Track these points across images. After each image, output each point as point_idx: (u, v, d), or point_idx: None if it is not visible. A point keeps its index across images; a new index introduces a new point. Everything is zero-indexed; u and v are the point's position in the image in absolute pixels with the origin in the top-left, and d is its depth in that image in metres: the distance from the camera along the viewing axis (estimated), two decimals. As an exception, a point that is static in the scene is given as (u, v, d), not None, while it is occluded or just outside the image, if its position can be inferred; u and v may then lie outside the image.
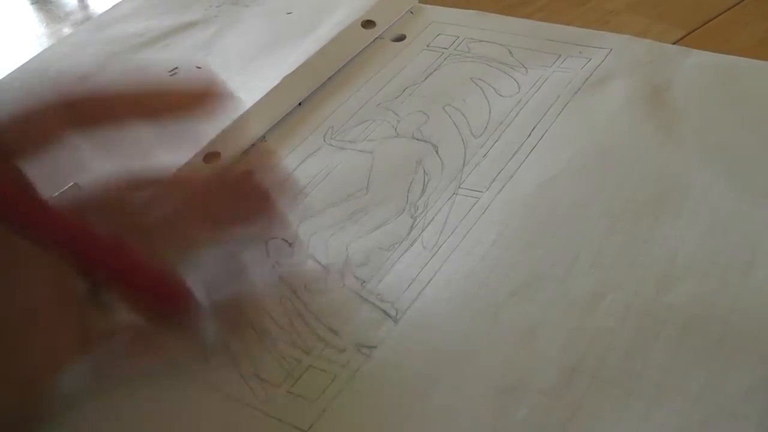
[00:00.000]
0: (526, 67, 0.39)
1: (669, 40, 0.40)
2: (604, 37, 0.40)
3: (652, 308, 0.26)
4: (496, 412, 0.24)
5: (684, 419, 0.23)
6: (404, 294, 0.29)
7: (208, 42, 0.48)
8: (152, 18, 0.52)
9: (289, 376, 0.27)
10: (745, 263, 0.27)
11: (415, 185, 0.34)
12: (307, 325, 0.29)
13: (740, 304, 0.26)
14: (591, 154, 0.33)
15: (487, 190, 0.32)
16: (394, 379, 0.26)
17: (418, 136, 0.36)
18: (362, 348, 0.27)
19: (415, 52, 0.42)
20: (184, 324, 0.27)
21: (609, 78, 0.37)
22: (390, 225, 0.32)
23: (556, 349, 0.26)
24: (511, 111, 0.36)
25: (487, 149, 0.35)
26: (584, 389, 0.24)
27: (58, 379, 0.26)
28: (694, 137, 0.33)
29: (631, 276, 0.27)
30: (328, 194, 0.34)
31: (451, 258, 0.30)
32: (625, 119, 0.34)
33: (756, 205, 0.29)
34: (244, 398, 0.26)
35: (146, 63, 0.48)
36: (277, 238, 0.31)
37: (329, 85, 0.41)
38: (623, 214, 0.30)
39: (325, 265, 0.31)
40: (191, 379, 0.27)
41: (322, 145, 0.37)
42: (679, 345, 0.25)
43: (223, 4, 0.52)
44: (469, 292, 0.28)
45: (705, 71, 0.36)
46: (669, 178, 0.31)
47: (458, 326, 0.27)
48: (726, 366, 0.24)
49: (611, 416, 0.23)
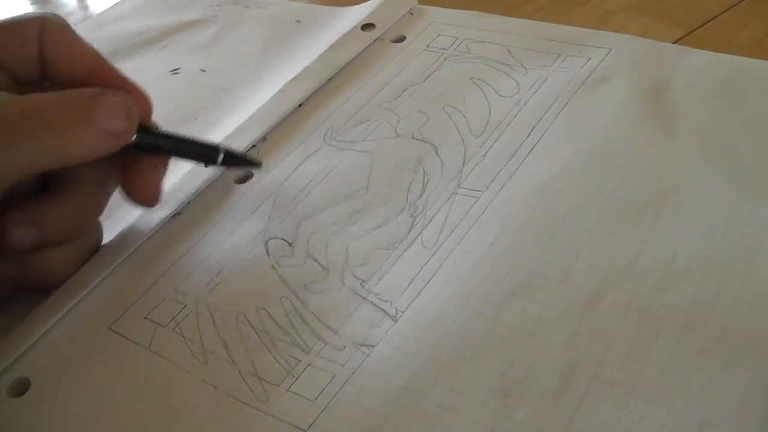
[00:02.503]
0: (525, 67, 0.39)
1: (669, 40, 0.40)
2: (604, 36, 0.40)
3: (652, 308, 0.26)
4: (496, 412, 0.24)
5: (684, 419, 0.23)
6: (404, 293, 0.29)
7: (207, 43, 0.48)
8: (151, 17, 0.53)
9: (288, 376, 0.27)
10: (745, 263, 0.27)
11: (415, 185, 0.34)
12: (306, 325, 0.29)
13: (740, 304, 0.26)
14: (591, 154, 0.33)
15: (487, 189, 0.32)
16: (394, 379, 0.26)
17: (418, 136, 0.36)
18: (361, 347, 0.27)
19: (414, 53, 0.42)
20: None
21: (609, 78, 0.37)
22: (390, 225, 0.32)
23: (556, 349, 0.26)
24: (511, 111, 0.36)
25: (487, 149, 0.35)
26: (584, 389, 0.24)
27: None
28: (693, 137, 0.33)
29: (631, 276, 0.27)
30: (328, 194, 0.34)
31: (450, 258, 0.30)
32: (625, 119, 0.34)
33: (756, 205, 0.29)
34: (243, 397, 0.26)
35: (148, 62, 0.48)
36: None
37: (329, 86, 0.41)
38: (623, 214, 0.30)
39: (324, 264, 0.31)
40: (190, 378, 0.27)
41: (322, 145, 0.37)
42: (679, 345, 0.25)
43: (223, 4, 0.52)
44: (469, 292, 0.28)
45: (705, 71, 0.36)
46: (669, 177, 0.31)
47: (458, 326, 0.27)
48: (726, 366, 0.24)
49: (611, 416, 0.23)
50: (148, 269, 0.32)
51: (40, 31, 0.30)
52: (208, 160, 0.32)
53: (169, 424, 0.26)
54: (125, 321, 0.30)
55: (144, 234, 0.33)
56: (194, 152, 0.32)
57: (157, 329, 0.29)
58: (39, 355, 0.29)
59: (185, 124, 0.41)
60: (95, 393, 0.28)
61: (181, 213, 0.35)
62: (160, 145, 0.32)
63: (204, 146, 0.32)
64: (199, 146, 0.32)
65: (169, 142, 0.32)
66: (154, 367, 0.28)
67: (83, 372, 0.28)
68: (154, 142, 0.31)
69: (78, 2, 0.61)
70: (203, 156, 0.32)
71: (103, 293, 0.31)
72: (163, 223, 0.34)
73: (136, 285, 0.32)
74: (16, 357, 0.29)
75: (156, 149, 0.32)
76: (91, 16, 0.56)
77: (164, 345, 0.29)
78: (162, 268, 0.32)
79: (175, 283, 0.31)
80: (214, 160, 0.32)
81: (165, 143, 0.32)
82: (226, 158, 0.32)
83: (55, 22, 0.31)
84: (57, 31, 0.31)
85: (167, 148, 0.32)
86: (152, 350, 0.29)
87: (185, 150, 0.32)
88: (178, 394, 0.27)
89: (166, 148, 0.32)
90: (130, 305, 0.31)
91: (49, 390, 0.28)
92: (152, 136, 0.31)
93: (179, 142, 0.32)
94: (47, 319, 0.30)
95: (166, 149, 0.32)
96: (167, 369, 0.28)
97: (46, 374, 0.29)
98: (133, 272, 0.32)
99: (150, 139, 0.31)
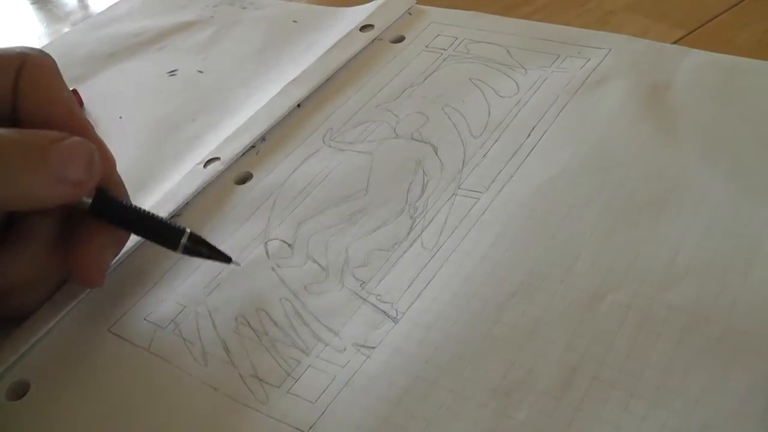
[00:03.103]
0: (525, 67, 0.39)
1: (669, 40, 0.40)
2: (603, 37, 0.40)
3: (652, 308, 0.26)
4: (496, 413, 0.24)
5: (684, 420, 0.23)
6: (404, 295, 0.29)
7: (205, 44, 0.48)
8: (148, 18, 0.52)
9: (288, 377, 0.27)
10: (745, 263, 0.27)
11: (415, 186, 0.33)
12: (306, 326, 0.28)
13: (740, 304, 0.26)
14: (590, 155, 0.33)
15: (487, 190, 0.32)
16: (394, 380, 0.26)
17: (418, 137, 0.36)
18: (362, 349, 0.27)
19: (414, 54, 0.42)
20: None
21: (608, 78, 0.37)
22: (389, 226, 0.32)
23: (557, 349, 0.26)
24: (510, 111, 0.36)
25: (487, 150, 0.35)
26: (585, 390, 0.24)
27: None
28: (693, 137, 0.33)
29: (631, 276, 0.27)
30: (328, 195, 0.34)
31: (450, 259, 0.30)
32: (625, 119, 0.34)
33: (756, 205, 0.29)
34: (243, 399, 0.26)
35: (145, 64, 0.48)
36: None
37: (328, 87, 0.41)
38: (623, 214, 0.30)
39: (324, 266, 0.31)
40: (190, 380, 0.27)
41: (322, 146, 0.37)
42: (679, 345, 0.25)
43: (219, 5, 0.52)
44: (469, 293, 0.28)
45: (704, 71, 0.36)
46: (669, 178, 0.31)
47: (458, 327, 0.27)
48: (726, 366, 0.24)
49: (612, 417, 0.23)
50: (147, 271, 0.32)
51: (20, 67, 0.29)
52: (170, 245, 0.30)
53: (169, 427, 0.26)
54: (124, 323, 0.30)
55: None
56: (155, 232, 0.30)
57: (157, 331, 0.29)
58: (38, 358, 0.29)
59: (184, 126, 0.41)
60: (94, 395, 0.28)
61: (180, 214, 0.35)
62: (116, 216, 0.29)
63: (168, 227, 0.30)
64: (163, 225, 0.30)
65: (127, 214, 0.29)
66: (153, 370, 0.28)
67: (82, 374, 0.28)
68: (109, 212, 0.29)
69: (78, 3, 0.61)
70: (165, 239, 0.30)
71: (103, 295, 0.31)
72: (162, 224, 0.34)
73: (136, 287, 0.31)
74: (15, 359, 0.29)
75: (111, 220, 0.30)
76: (91, 15, 0.56)
77: (164, 347, 0.29)
78: (161, 269, 0.32)
79: (174, 284, 0.31)
80: (176, 245, 0.30)
81: (121, 215, 0.29)
82: (190, 245, 0.30)
83: (39, 60, 0.29)
84: (38, 70, 0.29)
85: (123, 221, 0.30)
86: (152, 352, 0.29)
87: (144, 228, 0.30)
88: (177, 396, 0.27)
89: (121, 221, 0.30)
90: (130, 307, 0.31)
91: (49, 392, 0.28)
92: (108, 204, 0.29)
93: (139, 217, 0.30)
94: (46, 322, 0.30)
95: (122, 222, 0.30)
96: (167, 371, 0.28)
97: (46, 377, 0.29)
98: (132, 274, 0.32)
99: (105, 207, 0.29)
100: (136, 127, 0.42)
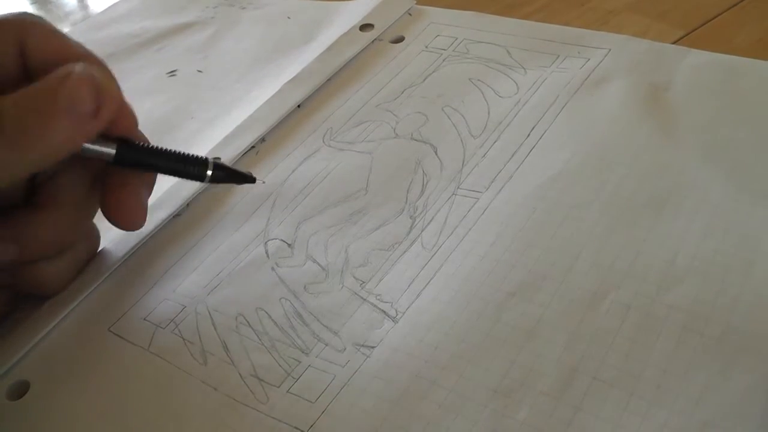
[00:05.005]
0: (524, 67, 0.39)
1: (669, 40, 0.40)
2: (603, 37, 0.40)
3: (652, 308, 0.26)
4: (496, 412, 0.24)
5: (684, 420, 0.23)
6: (404, 294, 0.29)
7: (204, 44, 0.48)
8: (148, 19, 0.52)
9: (288, 377, 0.27)
10: (745, 263, 0.27)
11: (415, 186, 0.33)
12: (306, 326, 0.28)
13: (740, 304, 0.26)
14: (590, 154, 0.33)
15: (487, 190, 0.32)
16: (394, 380, 0.26)
17: (417, 136, 0.36)
18: (362, 348, 0.27)
19: (413, 54, 0.42)
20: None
21: (608, 78, 0.37)
22: (389, 225, 0.32)
23: (557, 349, 0.26)
24: (510, 111, 0.36)
25: (486, 150, 0.35)
26: (585, 390, 0.24)
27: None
28: (693, 137, 0.33)
29: (631, 276, 0.27)
30: (328, 195, 0.34)
31: (450, 258, 0.30)
32: (624, 119, 0.34)
33: (756, 205, 0.29)
34: (243, 399, 0.26)
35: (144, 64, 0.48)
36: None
37: (328, 87, 0.41)
38: (623, 214, 0.30)
39: (324, 265, 0.31)
40: (190, 380, 0.27)
41: (322, 146, 0.37)
42: (679, 345, 0.25)
43: (219, 5, 0.52)
44: (469, 293, 0.28)
45: (704, 71, 0.36)
46: (668, 178, 0.31)
47: (458, 326, 0.27)
48: (726, 366, 0.24)
49: (612, 417, 0.23)
50: (147, 271, 0.32)
51: (20, 32, 0.28)
52: (197, 176, 0.30)
53: (168, 426, 0.26)
54: (124, 323, 0.30)
55: (143, 236, 0.33)
56: (181, 167, 0.30)
57: (157, 331, 0.29)
58: (38, 358, 0.29)
59: (183, 125, 0.41)
60: (95, 395, 0.28)
61: (180, 214, 0.35)
62: (142, 159, 0.30)
63: (192, 159, 0.30)
64: (186, 159, 0.30)
65: (152, 156, 0.30)
66: (153, 369, 0.28)
67: (83, 374, 0.28)
68: (135, 157, 0.29)
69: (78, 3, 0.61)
70: (191, 172, 0.30)
71: (103, 295, 0.31)
72: (162, 224, 0.34)
73: (136, 287, 0.31)
74: (15, 360, 0.29)
75: (138, 164, 0.30)
76: (90, 15, 0.56)
77: (164, 346, 0.29)
78: (161, 269, 0.32)
79: (174, 284, 0.31)
80: (203, 176, 0.30)
81: (147, 157, 0.30)
82: (216, 173, 0.30)
83: (37, 21, 0.29)
84: (39, 28, 0.28)
85: (150, 163, 0.30)
86: (152, 352, 0.29)
87: (170, 166, 0.30)
88: (177, 395, 0.27)
89: (148, 163, 0.30)
90: (130, 307, 0.31)
91: (49, 392, 0.28)
92: (133, 150, 0.29)
93: (164, 156, 0.30)
94: (46, 322, 0.30)
95: (149, 164, 0.30)
96: (167, 370, 0.28)
97: (46, 377, 0.29)
98: (132, 274, 0.32)
99: (130, 152, 0.29)
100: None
